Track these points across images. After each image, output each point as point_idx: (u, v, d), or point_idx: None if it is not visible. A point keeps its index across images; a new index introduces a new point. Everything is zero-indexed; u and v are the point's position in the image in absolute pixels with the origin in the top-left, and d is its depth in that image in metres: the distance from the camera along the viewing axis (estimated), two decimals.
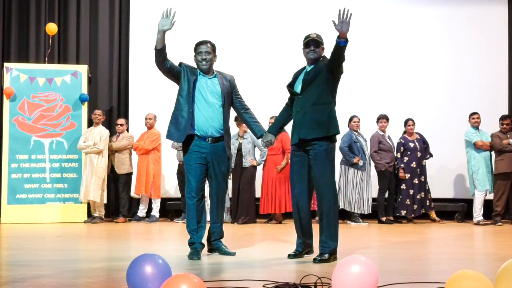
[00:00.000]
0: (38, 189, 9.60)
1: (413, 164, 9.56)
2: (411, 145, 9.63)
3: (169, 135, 5.58)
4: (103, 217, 9.71)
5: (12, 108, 9.63)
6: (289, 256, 5.42)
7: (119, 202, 9.93)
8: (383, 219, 9.57)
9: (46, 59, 10.22)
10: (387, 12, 10.65)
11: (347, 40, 5.01)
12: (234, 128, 9.27)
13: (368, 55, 10.27)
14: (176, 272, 3.32)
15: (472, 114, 9.66)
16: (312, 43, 5.38)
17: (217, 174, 5.56)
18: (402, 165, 9.58)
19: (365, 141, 9.65)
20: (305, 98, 5.32)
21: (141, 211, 9.96)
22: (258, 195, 9.60)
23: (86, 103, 9.91)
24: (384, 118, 9.76)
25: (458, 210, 10.06)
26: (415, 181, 9.55)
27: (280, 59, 10.26)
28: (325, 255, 5.18)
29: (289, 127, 6.70)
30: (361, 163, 9.38)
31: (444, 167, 10.37)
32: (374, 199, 9.62)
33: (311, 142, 5.29)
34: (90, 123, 9.91)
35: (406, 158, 9.60)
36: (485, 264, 5.34)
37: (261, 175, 9.61)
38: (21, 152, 9.59)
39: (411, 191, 9.53)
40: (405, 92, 10.49)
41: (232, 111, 5.78)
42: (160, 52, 5.36)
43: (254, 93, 9.28)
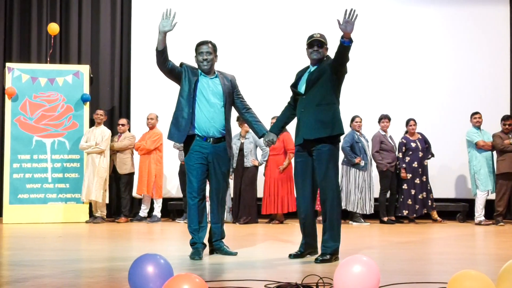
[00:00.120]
0: (40, 189, 9.61)
1: (415, 164, 9.56)
2: (413, 145, 9.62)
3: (170, 136, 5.59)
4: (105, 217, 9.72)
5: (14, 108, 9.64)
6: (290, 256, 5.41)
7: (121, 202, 9.94)
8: (385, 219, 9.57)
9: (48, 59, 10.23)
10: (389, 12, 10.65)
11: (351, 40, 4.98)
12: (236, 128, 9.28)
13: (370, 55, 10.27)
14: (178, 272, 3.32)
15: (473, 114, 9.66)
16: (316, 43, 5.35)
17: (218, 175, 5.56)
18: (404, 165, 9.58)
19: (366, 141, 9.64)
20: (309, 98, 5.30)
21: (143, 211, 9.96)
22: (259, 195, 9.60)
23: (87, 103, 9.91)
24: (386, 118, 9.76)
25: (459, 210, 10.05)
26: (417, 181, 9.55)
27: (282, 58, 10.28)
28: (327, 255, 5.17)
29: (290, 128, 6.74)
30: (362, 163, 9.37)
31: (446, 167, 10.36)
32: (376, 199, 9.62)
33: (315, 143, 5.28)
34: (91, 123, 9.91)
35: (408, 158, 9.60)
36: (487, 264, 5.33)
37: (263, 175, 9.61)
38: (23, 152, 9.60)
39: (412, 191, 9.53)
40: (407, 92, 10.49)
41: (234, 111, 5.78)
42: (161, 53, 5.36)
43: (256, 93, 9.28)
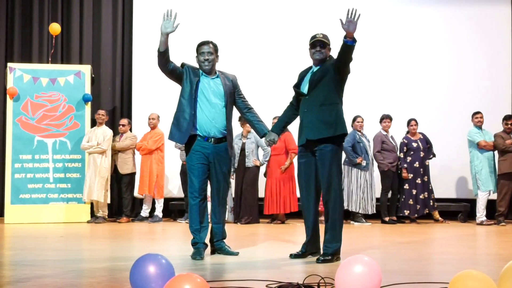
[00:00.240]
0: (41, 189, 9.62)
1: (416, 164, 9.55)
2: (414, 145, 9.61)
3: (171, 137, 5.59)
4: (106, 217, 9.72)
5: (16, 108, 9.65)
6: (291, 256, 5.41)
7: (122, 202, 9.94)
8: (386, 219, 9.56)
9: (50, 59, 10.25)
10: (390, 13, 10.64)
11: (354, 40, 4.96)
12: (238, 128, 9.28)
13: (372, 55, 10.26)
14: (179, 272, 3.32)
15: (475, 114, 9.65)
16: (318, 44, 5.33)
17: (219, 175, 5.55)
18: (405, 165, 9.57)
19: (368, 141, 9.64)
20: (312, 98, 5.29)
21: (144, 211, 9.97)
22: (261, 195, 9.60)
23: (89, 103, 9.91)
24: (388, 118, 9.75)
25: (461, 210, 10.05)
26: (418, 181, 9.54)
27: (283, 58, 10.28)
28: (329, 255, 5.16)
29: (292, 128, 6.74)
30: (364, 163, 9.37)
31: (447, 167, 10.36)
32: (377, 199, 9.62)
33: (318, 143, 5.27)
34: (93, 123, 9.92)
35: (409, 158, 9.59)
36: (489, 264, 5.32)
37: (263, 176, 9.61)
38: (24, 152, 9.60)
39: (414, 191, 9.52)
40: (408, 92, 10.48)
41: (236, 111, 5.78)
42: (163, 55, 5.35)
43: (257, 93, 9.27)
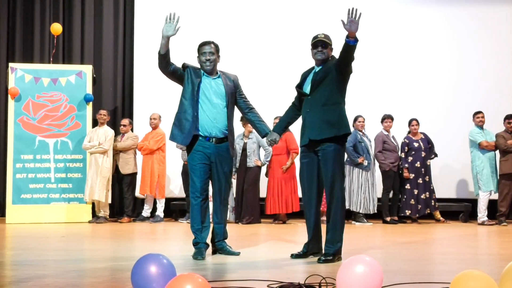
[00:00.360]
0: (42, 189, 9.62)
1: (417, 164, 9.54)
2: (415, 145, 9.61)
3: (173, 138, 5.58)
4: (108, 217, 9.72)
5: (17, 108, 9.65)
6: (292, 256, 5.41)
7: (124, 202, 9.94)
8: (388, 219, 9.56)
9: (51, 59, 10.25)
10: (392, 13, 10.63)
11: (356, 39, 4.96)
12: (240, 128, 9.28)
13: (373, 55, 10.25)
14: (181, 272, 3.32)
15: (476, 113, 9.63)
16: (320, 44, 5.33)
17: (220, 175, 5.56)
18: (406, 165, 9.56)
19: (369, 141, 9.64)
20: (315, 98, 5.29)
21: (146, 211, 9.97)
22: (262, 195, 9.60)
23: (90, 103, 9.92)
24: (389, 118, 9.75)
25: (462, 210, 10.04)
26: (419, 181, 9.53)
27: (285, 58, 10.28)
28: (330, 255, 5.16)
29: (293, 127, 6.74)
30: (365, 163, 9.37)
31: (449, 167, 10.35)
32: (378, 199, 9.61)
33: (321, 143, 5.26)
34: (94, 123, 9.92)
35: (410, 158, 9.58)
36: (490, 264, 5.32)
37: (264, 176, 9.61)
38: (26, 152, 9.61)
39: (415, 191, 9.52)
40: (409, 92, 10.48)
41: (238, 111, 5.78)
42: (163, 57, 5.36)
43: (259, 93, 9.26)
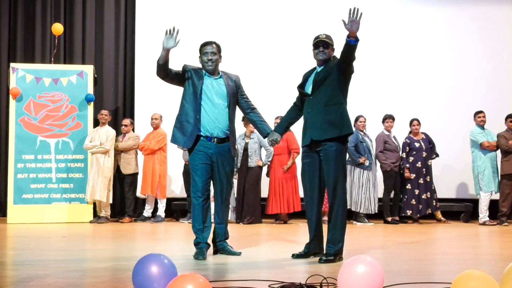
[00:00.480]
0: (44, 189, 9.62)
1: (419, 164, 9.54)
2: (417, 145, 9.60)
3: (174, 140, 5.58)
4: (109, 217, 9.72)
5: (18, 108, 9.65)
6: (293, 256, 5.41)
7: (125, 202, 9.94)
8: (389, 219, 9.55)
9: (52, 59, 10.25)
10: (392, 12, 10.63)
11: (357, 39, 4.95)
12: (241, 128, 9.28)
13: (374, 55, 10.24)
14: (182, 272, 3.32)
15: (477, 113, 9.61)
16: (321, 44, 5.33)
17: (222, 175, 5.56)
18: (408, 165, 9.56)
19: (371, 141, 9.63)
20: (316, 99, 5.29)
21: (147, 211, 9.97)
22: (263, 195, 9.60)
23: (92, 103, 9.92)
24: (390, 118, 9.74)
25: (463, 210, 10.03)
26: (420, 181, 9.52)
27: (286, 59, 10.28)
28: (331, 255, 5.16)
29: (294, 127, 6.73)
30: (367, 163, 9.36)
31: (450, 167, 10.34)
32: (379, 199, 9.61)
33: (322, 143, 5.26)
34: (96, 123, 9.93)
35: (412, 158, 9.58)
36: (491, 264, 5.32)
37: (265, 176, 9.61)
38: (27, 152, 9.61)
39: (416, 191, 9.51)
40: (411, 92, 10.47)
41: (239, 111, 5.78)
42: (162, 67, 5.39)
43: (260, 93, 9.25)
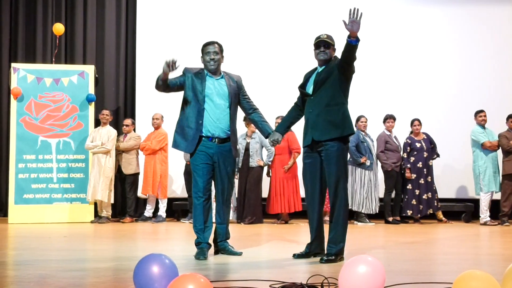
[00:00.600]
0: (45, 189, 9.63)
1: (419, 164, 9.53)
2: (418, 145, 9.60)
3: (176, 146, 5.59)
4: (110, 217, 9.73)
5: (19, 108, 9.66)
6: (294, 256, 5.41)
7: (126, 202, 9.95)
8: (390, 219, 9.55)
9: (53, 59, 10.26)
10: (393, 12, 10.62)
11: (358, 39, 4.96)
12: (243, 128, 9.28)
13: (375, 55, 10.23)
14: (183, 272, 3.32)
15: (478, 112, 9.58)
16: (322, 44, 5.33)
17: (223, 175, 5.56)
18: (408, 165, 9.56)
19: (372, 141, 9.63)
20: (318, 99, 5.29)
21: (148, 211, 9.97)
22: (264, 195, 9.60)
23: (93, 103, 9.93)
24: (391, 118, 9.74)
25: (464, 210, 10.02)
26: (421, 181, 9.52)
27: (287, 59, 10.28)
28: (332, 255, 5.16)
29: (295, 127, 6.72)
30: (368, 163, 9.36)
31: (451, 167, 10.34)
32: (380, 199, 9.61)
33: (324, 143, 5.26)
34: (97, 123, 9.93)
35: (412, 158, 9.57)
36: (492, 264, 5.32)
37: (266, 176, 9.61)
38: (28, 152, 9.62)
39: (417, 191, 9.50)
40: (412, 92, 10.46)
41: (241, 111, 5.78)
42: (162, 85, 5.46)
43: (261, 93, 9.25)
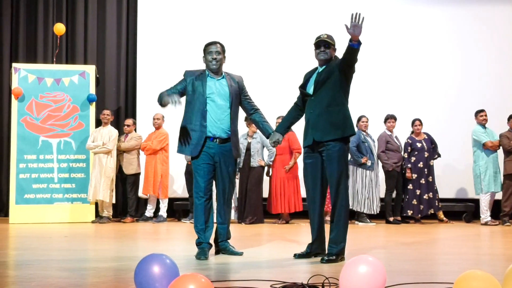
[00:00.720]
0: (46, 189, 9.63)
1: (420, 164, 9.53)
2: (418, 145, 9.60)
3: (181, 151, 5.59)
4: (111, 217, 9.73)
5: (20, 108, 9.66)
6: (295, 256, 5.41)
7: (127, 202, 9.95)
8: (391, 219, 9.55)
9: (54, 59, 10.26)
10: (394, 12, 10.62)
11: (360, 43, 4.96)
12: (244, 128, 9.28)
13: (376, 55, 10.23)
14: (184, 272, 3.33)
15: (479, 112, 9.56)
16: (323, 44, 5.34)
17: (224, 175, 5.56)
18: (409, 165, 9.55)
19: (373, 141, 9.63)
20: (318, 99, 5.29)
21: (149, 211, 9.97)
22: (265, 195, 9.60)
23: (94, 103, 9.93)
24: (392, 118, 9.74)
25: (465, 210, 10.01)
26: (422, 181, 9.51)
27: (287, 59, 10.28)
28: (333, 255, 5.16)
29: (296, 127, 6.73)
30: (369, 163, 9.36)
31: (452, 167, 10.33)
32: (381, 199, 9.60)
33: (325, 143, 5.27)
34: (97, 123, 9.93)
35: (413, 158, 9.57)
36: (493, 264, 5.32)
37: (266, 176, 9.61)
38: (29, 152, 9.62)
39: (417, 191, 9.50)
40: (412, 92, 10.46)
41: (242, 111, 5.78)
42: (160, 105, 5.51)
43: (262, 93, 9.24)
